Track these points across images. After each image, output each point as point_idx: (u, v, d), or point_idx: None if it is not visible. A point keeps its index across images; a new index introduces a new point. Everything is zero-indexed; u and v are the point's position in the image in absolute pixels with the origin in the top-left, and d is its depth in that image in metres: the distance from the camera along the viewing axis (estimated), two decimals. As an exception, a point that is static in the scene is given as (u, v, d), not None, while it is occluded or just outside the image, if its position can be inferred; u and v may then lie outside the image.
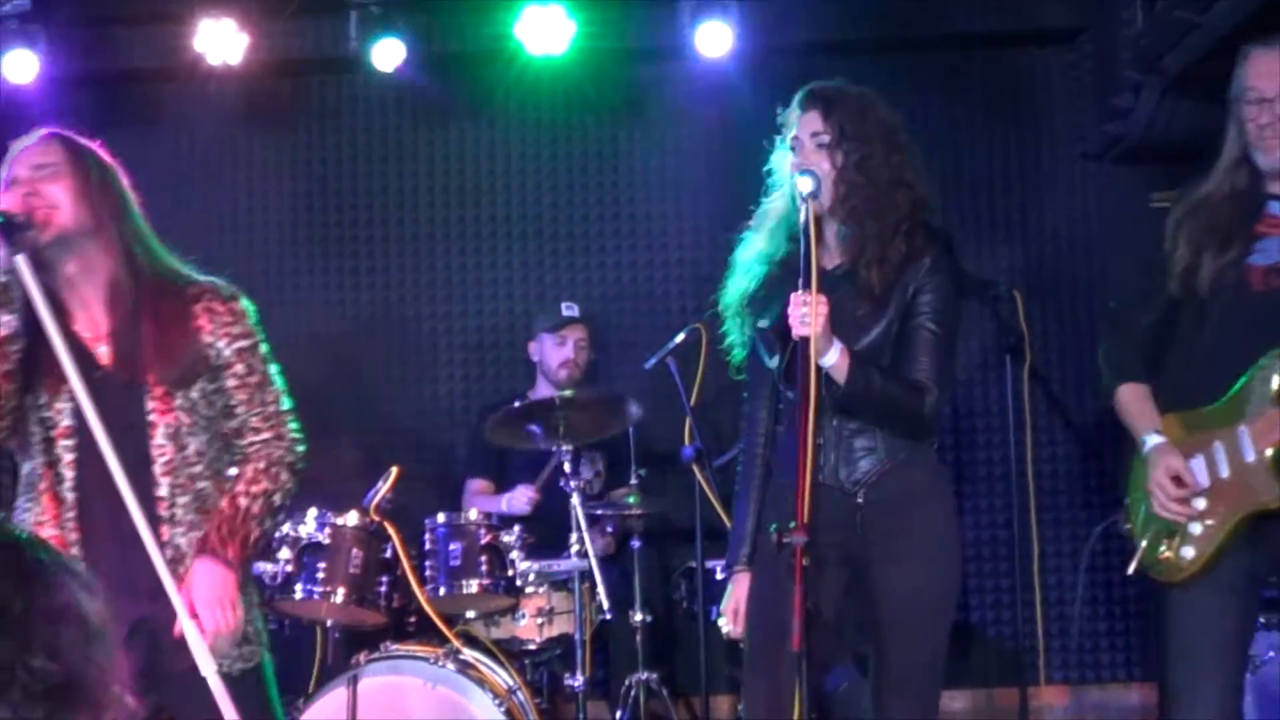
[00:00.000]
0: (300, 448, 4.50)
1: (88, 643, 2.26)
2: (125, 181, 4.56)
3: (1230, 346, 4.47)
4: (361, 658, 6.26)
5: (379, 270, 8.19)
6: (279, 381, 4.50)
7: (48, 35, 7.71)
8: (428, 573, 6.75)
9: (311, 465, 7.08)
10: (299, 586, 6.55)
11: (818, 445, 4.51)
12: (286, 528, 6.60)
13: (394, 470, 6.43)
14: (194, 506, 4.33)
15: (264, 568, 6.63)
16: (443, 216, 8.55)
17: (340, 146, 8.48)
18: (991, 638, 8.11)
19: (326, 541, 6.52)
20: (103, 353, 4.33)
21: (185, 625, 4.08)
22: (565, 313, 7.81)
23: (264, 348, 4.49)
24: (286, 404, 4.50)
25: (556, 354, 7.77)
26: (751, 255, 4.92)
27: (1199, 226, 4.55)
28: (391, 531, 6.56)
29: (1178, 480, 4.48)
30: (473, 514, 6.90)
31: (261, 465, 4.41)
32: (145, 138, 8.29)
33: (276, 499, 4.42)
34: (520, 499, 7.34)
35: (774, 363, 4.82)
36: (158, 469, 4.28)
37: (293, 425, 4.49)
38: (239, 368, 4.42)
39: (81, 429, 4.19)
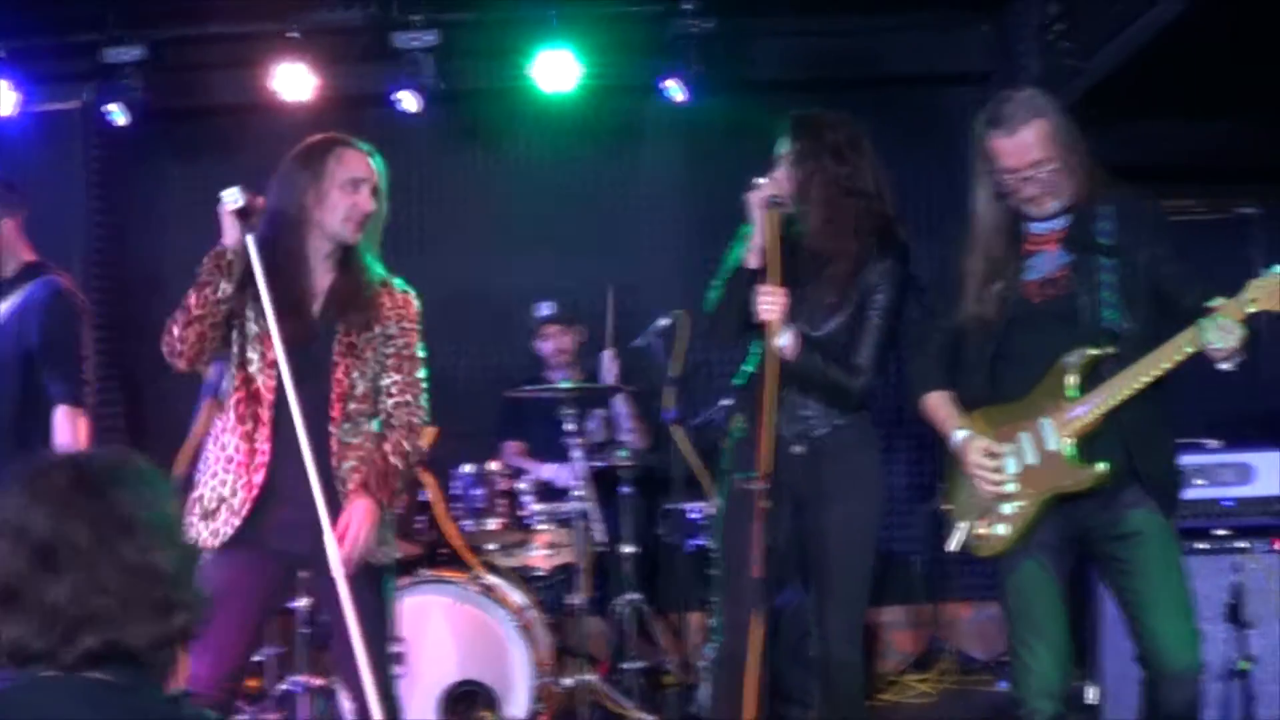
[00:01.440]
0: (426, 415, 4.66)
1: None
2: None
3: (1020, 353, 4.40)
4: (403, 582, 6.26)
5: (427, 268, 8.24)
6: (423, 365, 4.67)
7: (154, 77, 7.79)
8: (456, 513, 6.87)
9: None
10: None
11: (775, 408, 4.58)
12: None
13: (432, 429, 6.51)
14: (352, 433, 4.49)
15: None
16: (470, 226, 8.61)
17: (388, 168, 8.45)
18: (914, 563, 8.16)
19: None
20: (316, 308, 4.54)
21: (328, 539, 4.27)
22: (538, 314, 7.91)
23: (419, 335, 4.68)
24: (425, 381, 4.66)
25: (543, 348, 7.89)
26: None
27: (978, 258, 4.46)
28: (428, 479, 6.67)
29: (990, 454, 4.42)
30: (493, 465, 7.02)
31: (405, 431, 4.55)
32: (229, 163, 8.21)
33: (412, 458, 4.58)
34: (554, 473, 7.43)
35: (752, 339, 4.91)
36: (334, 397, 4.46)
37: (425, 397, 4.65)
38: (399, 342, 4.61)
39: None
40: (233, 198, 4.37)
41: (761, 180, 4.78)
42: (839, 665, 4.85)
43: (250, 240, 4.33)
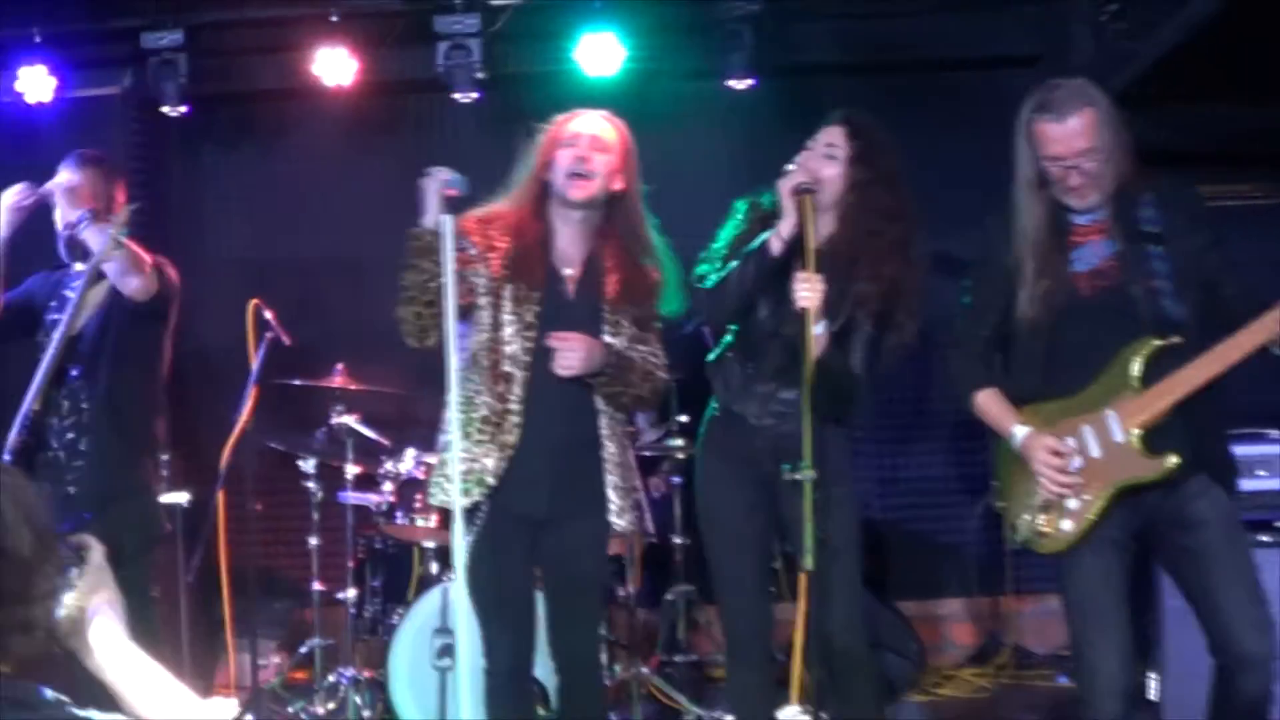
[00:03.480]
0: (662, 382, 4.95)
1: None
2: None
3: (1073, 347, 4.40)
4: (450, 572, 6.27)
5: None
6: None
7: (193, 63, 7.77)
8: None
9: (410, 413, 7.26)
10: (399, 514, 6.67)
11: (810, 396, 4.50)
12: (389, 465, 6.76)
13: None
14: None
15: (371, 498, 6.78)
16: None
17: (431, 154, 8.13)
18: (969, 556, 8.14)
19: (422, 476, 6.61)
20: (569, 275, 4.83)
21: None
22: None
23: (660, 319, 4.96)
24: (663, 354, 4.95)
25: None
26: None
27: (1025, 250, 4.47)
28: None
29: (1056, 454, 4.41)
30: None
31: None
32: (271, 148, 8.51)
33: (646, 392, 4.88)
34: None
35: (770, 324, 4.90)
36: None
37: (663, 373, 4.94)
38: (649, 324, 4.91)
39: (539, 327, 4.71)
40: (455, 184, 4.53)
41: (791, 166, 4.79)
42: (851, 655, 4.87)
43: (447, 220, 4.37)
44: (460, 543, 4.32)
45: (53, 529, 2.35)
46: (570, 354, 4.65)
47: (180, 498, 6.61)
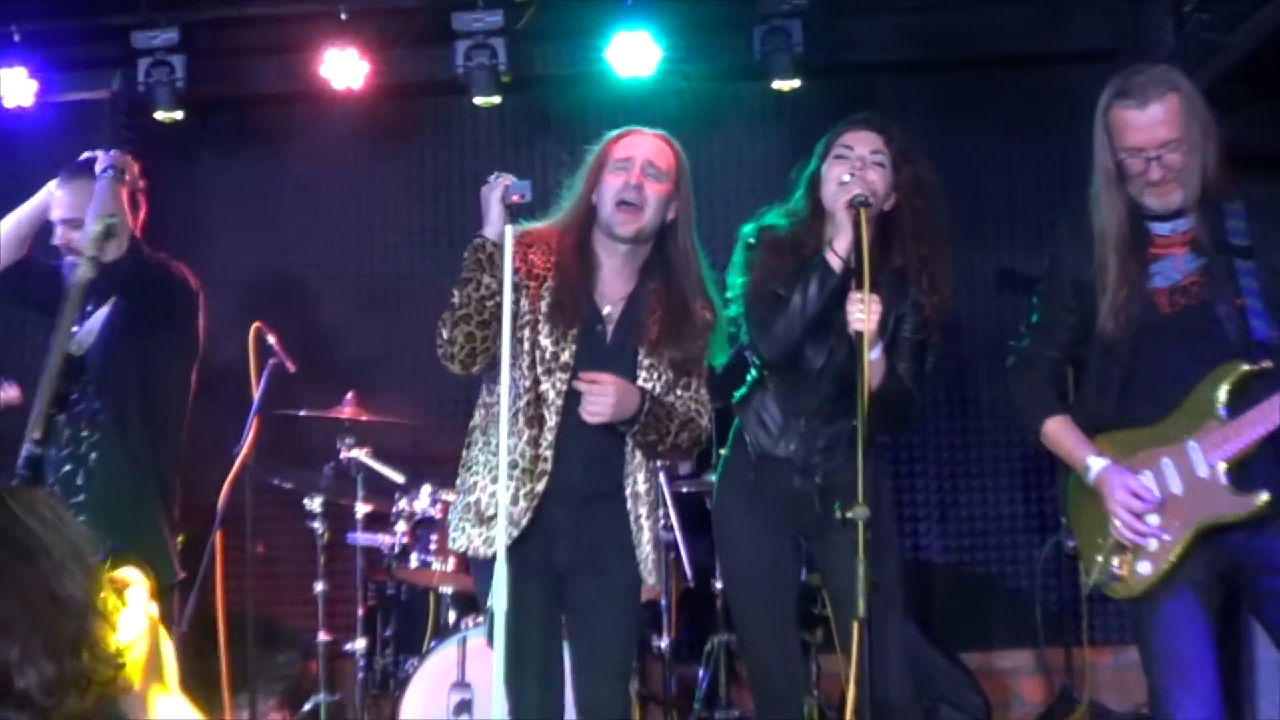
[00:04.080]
0: (703, 430, 4.84)
1: None
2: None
3: (1153, 370, 4.35)
4: (469, 621, 6.31)
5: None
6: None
7: (189, 64, 7.78)
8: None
9: (427, 447, 7.24)
10: (414, 556, 6.67)
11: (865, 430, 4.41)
12: (403, 503, 6.74)
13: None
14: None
15: (382, 539, 6.77)
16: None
17: (450, 162, 8.49)
18: (1038, 603, 8.06)
19: (438, 516, 6.60)
20: (608, 313, 4.76)
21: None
22: None
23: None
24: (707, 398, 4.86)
25: None
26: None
27: (1103, 261, 4.40)
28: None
29: (1136, 497, 4.32)
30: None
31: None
32: (274, 156, 8.55)
33: (684, 440, 4.78)
34: None
35: (819, 357, 4.90)
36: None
37: (705, 419, 4.84)
38: (692, 366, 4.81)
39: (574, 368, 4.64)
40: (519, 190, 4.52)
41: (847, 177, 4.74)
42: (905, 710, 4.88)
43: (509, 231, 4.43)
44: (502, 587, 4.31)
45: (100, 565, 2.33)
46: (600, 398, 4.60)
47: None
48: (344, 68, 7.88)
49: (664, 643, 6.78)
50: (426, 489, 6.74)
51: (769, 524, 5.01)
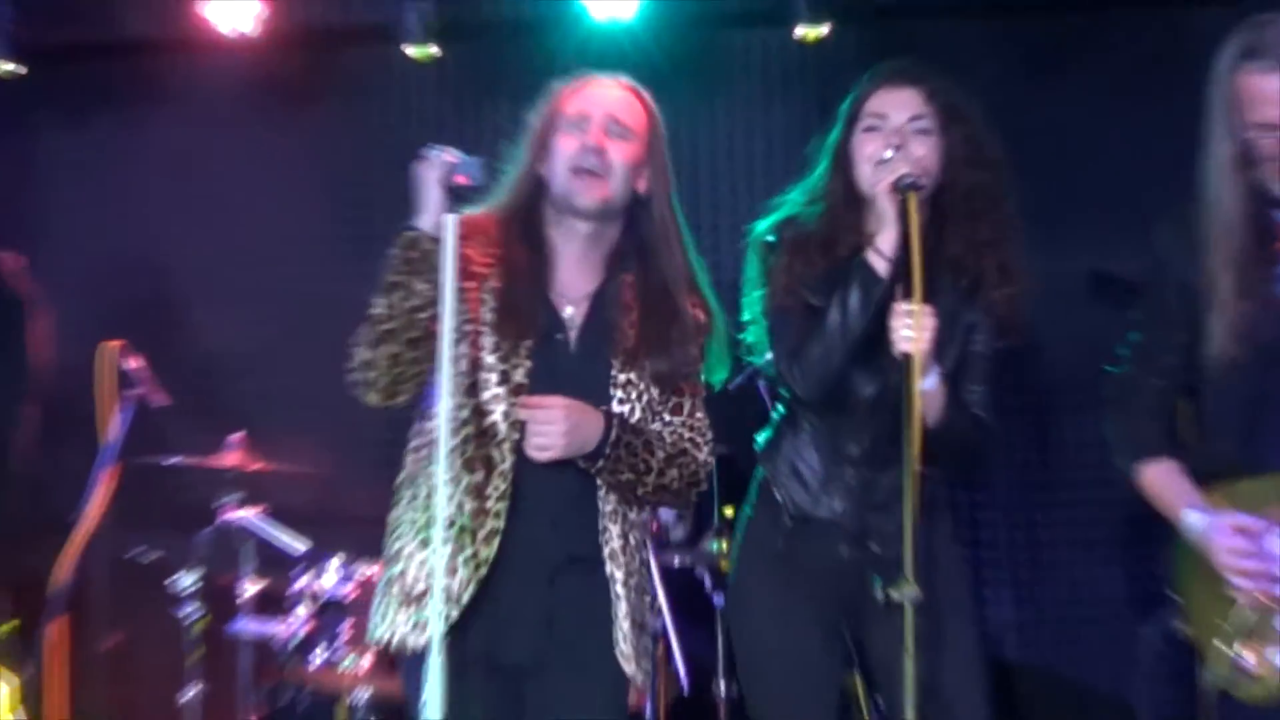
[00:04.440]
0: (702, 466, 4.68)
1: None
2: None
3: None
4: (393, 733, 6.11)
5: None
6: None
7: (24, 5, 7.92)
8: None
9: (338, 506, 7.09)
10: (319, 651, 6.55)
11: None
12: (305, 580, 6.71)
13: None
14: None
15: (277, 628, 6.75)
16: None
17: (372, 127, 8.51)
18: (1144, 705, 7.89)
19: (351, 597, 6.57)
20: (569, 316, 4.63)
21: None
22: None
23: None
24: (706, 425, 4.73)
25: None
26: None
27: (1221, 262, 4.33)
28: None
29: (1247, 547, 4.23)
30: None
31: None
32: (144, 118, 8.53)
33: (675, 480, 4.61)
34: None
35: (869, 385, 4.81)
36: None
37: (704, 451, 4.71)
38: (684, 382, 4.69)
39: (534, 389, 4.45)
40: (467, 169, 4.35)
41: (888, 154, 4.68)
42: None
43: (451, 222, 4.23)
44: (436, 690, 4.04)
45: None
46: (546, 426, 4.39)
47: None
48: (231, 7, 7.89)
49: (649, 771, 6.59)
50: (336, 562, 6.71)
51: (806, 609, 4.88)
